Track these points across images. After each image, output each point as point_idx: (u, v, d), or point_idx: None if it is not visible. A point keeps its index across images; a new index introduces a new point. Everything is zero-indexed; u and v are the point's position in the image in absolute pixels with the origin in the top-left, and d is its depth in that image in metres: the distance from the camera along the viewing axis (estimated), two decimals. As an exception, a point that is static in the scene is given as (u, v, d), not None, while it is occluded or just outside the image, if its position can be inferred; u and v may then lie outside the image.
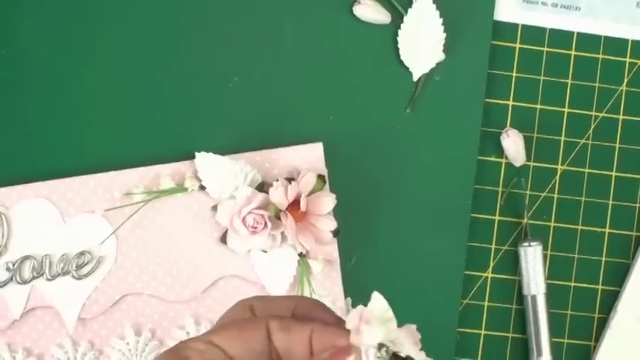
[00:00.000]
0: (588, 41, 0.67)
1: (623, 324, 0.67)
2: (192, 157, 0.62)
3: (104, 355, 0.62)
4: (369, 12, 0.64)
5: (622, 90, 0.68)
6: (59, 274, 0.62)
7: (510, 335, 0.67)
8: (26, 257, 0.61)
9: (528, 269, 0.65)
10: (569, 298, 0.67)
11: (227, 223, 0.61)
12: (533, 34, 0.67)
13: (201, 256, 0.63)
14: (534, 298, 0.65)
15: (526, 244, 0.65)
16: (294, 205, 0.60)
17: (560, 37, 0.67)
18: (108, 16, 0.63)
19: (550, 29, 0.67)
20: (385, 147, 0.65)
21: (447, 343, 0.65)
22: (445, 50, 0.65)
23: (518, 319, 0.67)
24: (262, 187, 0.61)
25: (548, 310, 0.65)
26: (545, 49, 0.67)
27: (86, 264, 0.62)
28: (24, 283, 0.61)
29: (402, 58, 0.65)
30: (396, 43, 0.65)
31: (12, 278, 0.61)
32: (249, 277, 0.63)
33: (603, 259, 0.68)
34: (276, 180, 0.60)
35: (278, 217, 0.60)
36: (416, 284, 0.65)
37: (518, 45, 0.67)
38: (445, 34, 0.64)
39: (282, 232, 0.61)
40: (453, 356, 0.65)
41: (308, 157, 0.63)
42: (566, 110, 0.67)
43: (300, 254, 0.62)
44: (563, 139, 0.67)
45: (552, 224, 0.67)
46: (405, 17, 0.64)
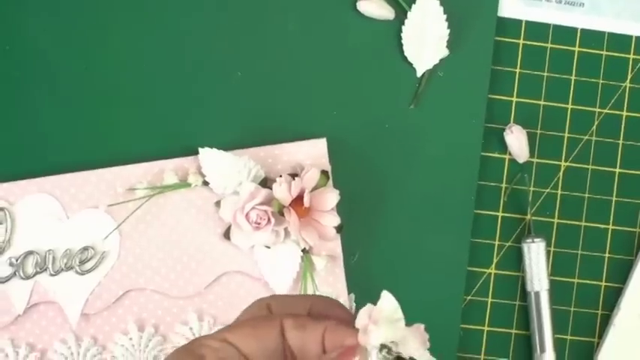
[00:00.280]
0: (592, 37, 0.67)
1: (626, 321, 0.66)
2: (196, 153, 0.62)
3: (107, 350, 0.62)
4: (373, 8, 0.64)
5: (625, 86, 0.68)
6: (62, 270, 0.61)
7: (513, 331, 0.67)
8: (29, 252, 0.61)
9: (532, 265, 0.65)
10: (573, 294, 0.67)
11: (230, 218, 0.61)
12: (537, 30, 0.67)
13: (204, 252, 0.63)
14: (537, 294, 0.65)
15: (529, 240, 0.65)
16: (298, 200, 0.60)
17: (564, 34, 0.67)
18: (111, 13, 0.63)
19: (554, 25, 0.67)
20: (389, 143, 0.65)
21: (451, 340, 0.65)
22: (449, 46, 0.65)
23: (522, 316, 0.67)
24: (266, 183, 0.61)
25: (552, 306, 0.65)
26: (549, 46, 0.67)
27: (89, 259, 0.62)
28: (27, 278, 0.61)
29: (405, 54, 0.65)
30: (400, 39, 0.65)
31: (15, 273, 0.61)
32: (253, 273, 0.63)
33: (606, 255, 0.68)
34: (280, 176, 0.60)
35: (281, 213, 0.60)
36: (419, 280, 0.65)
37: (521, 41, 0.67)
38: (449, 30, 0.64)
39: (286, 228, 0.61)
40: (456, 352, 0.65)
41: (311, 153, 0.63)
42: (569, 106, 0.67)
43: (303, 250, 0.62)
44: (566, 135, 0.67)
45: (556, 220, 0.67)
46: (408, 13, 0.64)
